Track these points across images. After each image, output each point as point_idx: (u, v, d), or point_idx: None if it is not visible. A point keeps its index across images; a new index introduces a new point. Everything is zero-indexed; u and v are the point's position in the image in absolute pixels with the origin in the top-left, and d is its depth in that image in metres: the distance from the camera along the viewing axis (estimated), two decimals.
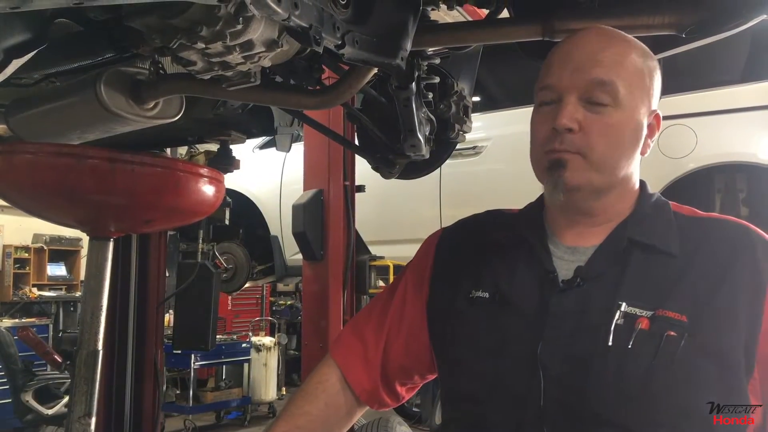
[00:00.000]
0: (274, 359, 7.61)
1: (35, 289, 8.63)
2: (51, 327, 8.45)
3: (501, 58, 3.76)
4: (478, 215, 1.23)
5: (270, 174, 4.65)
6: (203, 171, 1.88)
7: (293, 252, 4.28)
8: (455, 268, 1.15)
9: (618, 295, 0.96)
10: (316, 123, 2.06)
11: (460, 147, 2.05)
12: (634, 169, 1.05)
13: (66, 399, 4.83)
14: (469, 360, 1.05)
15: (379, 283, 4.37)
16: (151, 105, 1.54)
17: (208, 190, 1.87)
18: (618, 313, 0.94)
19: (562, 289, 1.00)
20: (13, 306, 8.46)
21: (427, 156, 1.78)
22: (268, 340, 7.71)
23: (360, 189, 3.32)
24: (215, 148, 2.50)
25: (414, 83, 1.53)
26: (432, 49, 1.62)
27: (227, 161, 2.39)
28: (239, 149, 2.53)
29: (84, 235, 1.96)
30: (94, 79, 1.43)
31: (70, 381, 1.87)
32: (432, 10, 1.50)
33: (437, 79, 1.75)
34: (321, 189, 3.24)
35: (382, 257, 3.85)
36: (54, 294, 8.83)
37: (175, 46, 1.10)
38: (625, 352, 0.92)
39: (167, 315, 4.82)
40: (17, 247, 8.58)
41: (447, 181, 3.89)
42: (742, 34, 1.29)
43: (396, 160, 1.82)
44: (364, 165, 2.04)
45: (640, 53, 1.05)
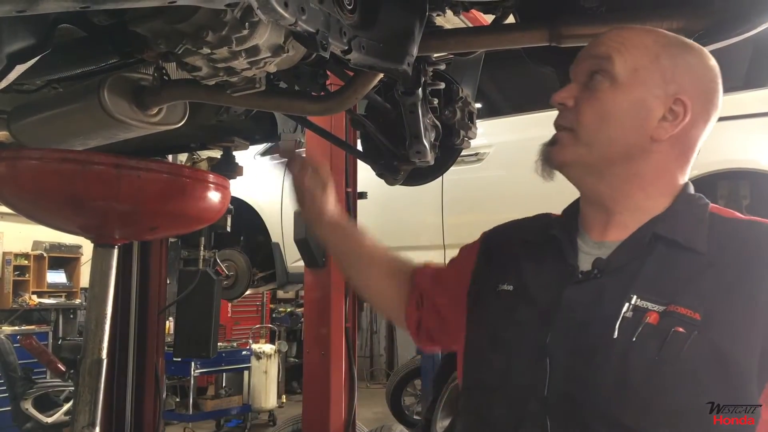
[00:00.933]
0: (274, 367, 7.56)
1: (35, 297, 8.58)
2: (51, 334, 8.38)
3: (503, 64, 3.76)
4: (526, 217, 1.23)
5: (271, 181, 4.63)
6: (210, 177, 1.87)
7: (294, 259, 4.27)
8: (492, 262, 1.17)
9: (631, 288, 0.94)
10: (321, 130, 2.05)
11: (462, 154, 2.04)
12: (651, 157, 1.01)
13: (66, 407, 4.80)
14: (485, 349, 1.06)
15: None
16: (155, 111, 1.53)
17: (214, 196, 1.85)
18: (627, 306, 0.92)
19: (578, 281, 0.99)
20: (13, 313, 8.40)
21: (432, 162, 1.78)
22: (268, 347, 7.66)
23: (362, 196, 3.31)
24: (217, 154, 2.49)
25: (420, 89, 1.52)
26: (437, 55, 1.62)
27: (230, 168, 2.37)
28: (241, 156, 2.52)
29: (84, 242, 1.95)
30: (97, 85, 1.43)
31: (72, 390, 1.85)
32: (437, 15, 1.49)
33: (443, 85, 1.74)
34: None
35: None
36: (54, 301, 8.78)
37: (181, 51, 1.10)
38: (630, 345, 0.90)
39: (168, 322, 4.80)
40: (17, 254, 8.52)
41: (449, 188, 3.87)
42: (743, 40, 1.29)
43: (400, 166, 1.81)
44: (365, 172, 2.03)
45: (656, 36, 1.02)
